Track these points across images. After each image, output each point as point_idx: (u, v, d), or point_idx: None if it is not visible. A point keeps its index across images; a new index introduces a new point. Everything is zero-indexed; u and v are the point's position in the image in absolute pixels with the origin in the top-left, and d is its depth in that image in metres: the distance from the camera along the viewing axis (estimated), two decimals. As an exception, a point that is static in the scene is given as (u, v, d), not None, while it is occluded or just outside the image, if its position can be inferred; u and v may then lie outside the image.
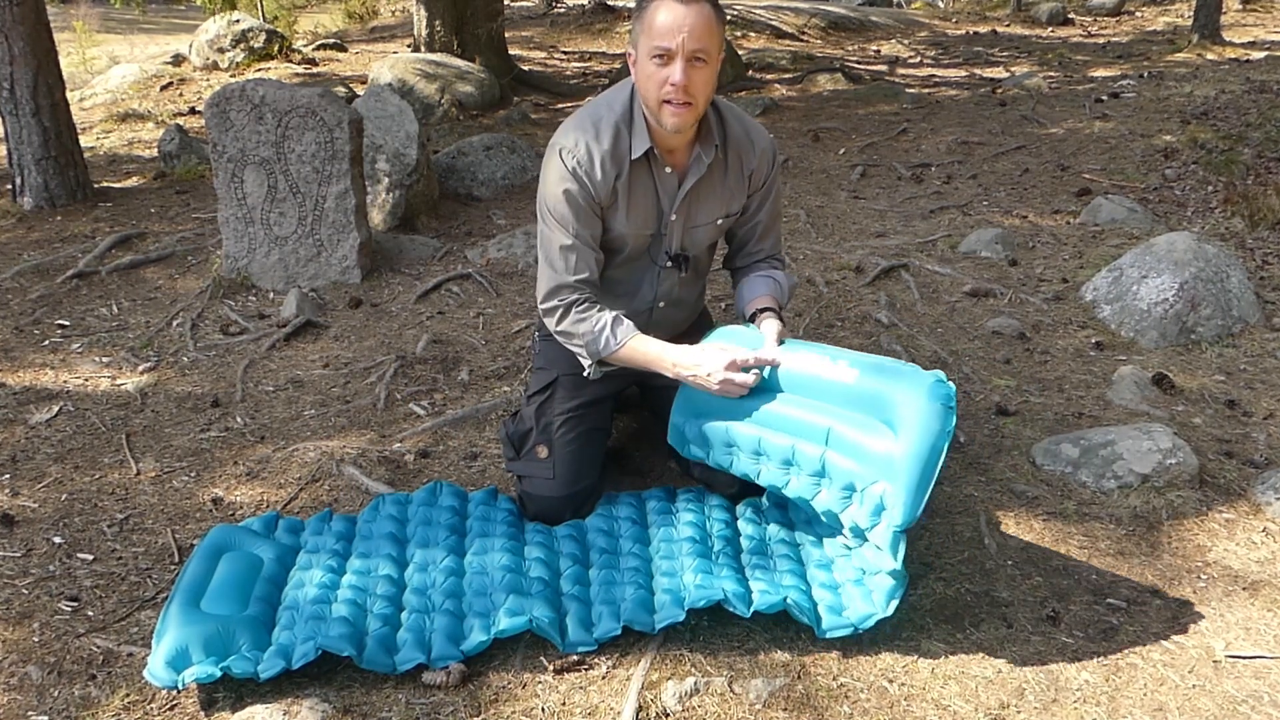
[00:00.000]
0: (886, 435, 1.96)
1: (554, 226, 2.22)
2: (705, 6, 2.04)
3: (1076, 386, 3.05)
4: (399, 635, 2.02)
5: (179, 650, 1.89)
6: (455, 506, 2.41)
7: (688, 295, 2.51)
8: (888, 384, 2.00)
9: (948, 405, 1.93)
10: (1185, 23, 10.03)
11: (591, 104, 2.25)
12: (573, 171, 2.16)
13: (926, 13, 12.52)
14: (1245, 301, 3.37)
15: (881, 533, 1.98)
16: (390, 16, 12.16)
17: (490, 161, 5.38)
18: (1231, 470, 2.58)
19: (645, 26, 2.07)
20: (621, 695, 1.88)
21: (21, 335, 3.61)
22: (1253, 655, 1.98)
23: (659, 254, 2.35)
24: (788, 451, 2.11)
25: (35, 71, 4.76)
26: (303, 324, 3.62)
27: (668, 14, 2.03)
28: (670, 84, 2.06)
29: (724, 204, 2.34)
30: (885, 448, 1.95)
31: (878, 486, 1.96)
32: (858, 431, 2.00)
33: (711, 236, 2.40)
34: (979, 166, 5.62)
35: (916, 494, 1.90)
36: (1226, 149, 5.37)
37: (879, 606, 2.01)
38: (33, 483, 2.67)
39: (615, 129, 2.18)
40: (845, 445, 2.02)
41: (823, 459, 2.05)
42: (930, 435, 1.90)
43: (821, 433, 2.06)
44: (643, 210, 2.27)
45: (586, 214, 2.21)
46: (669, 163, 2.23)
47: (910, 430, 1.92)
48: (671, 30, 2.03)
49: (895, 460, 1.92)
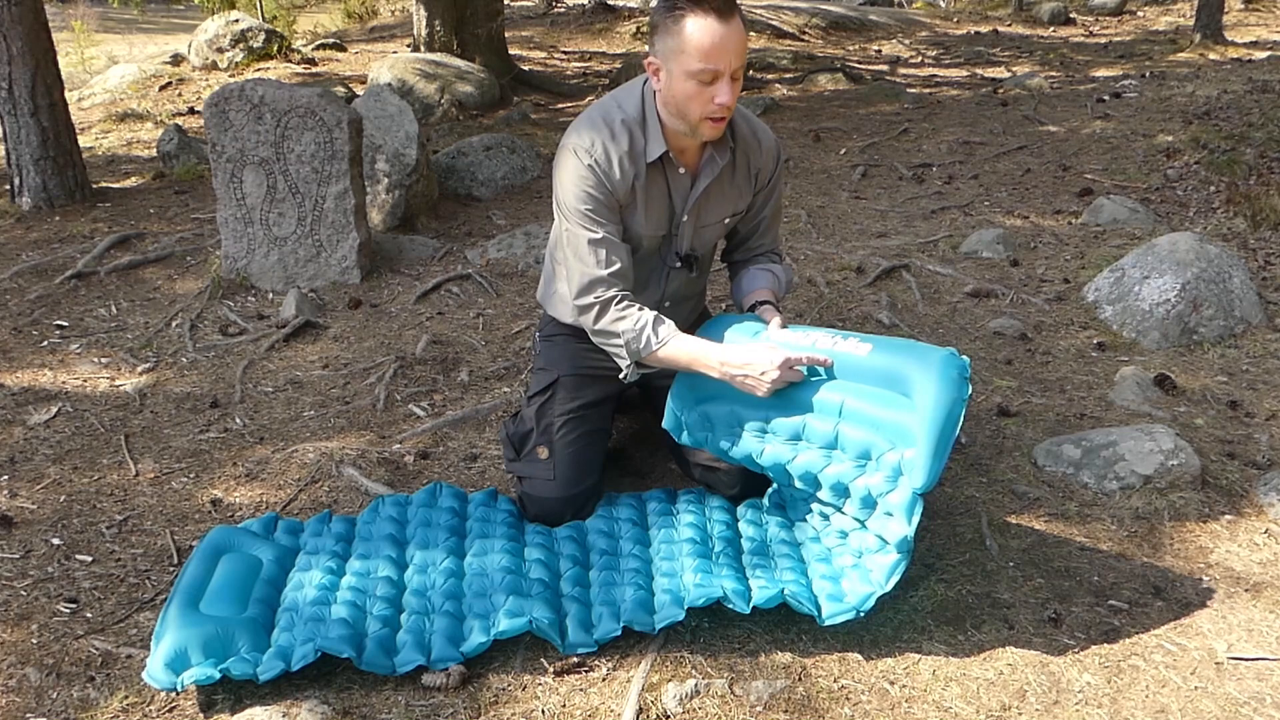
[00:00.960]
0: (903, 405, 1.97)
1: (578, 223, 2.18)
2: (738, 19, 2.03)
3: (1078, 387, 3.04)
4: (398, 637, 2.01)
5: (178, 652, 1.89)
6: (455, 508, 2.41)
7: (693, 293, 2.50)
8: (902, 357, 2.01)
9: (962, 375, 1.95)
10: (1187, 22, 10.02)
11: (599, 104, 2.23)
12: (590, 169, 2.14)
13: (927, 12, 12.51)
14: (1247, 302, 3.36)
15: (899, 496, 1.97)
16: (390, 16, 12.15)
17: (490, 162, 5.38)
18: (1234, 471, 2.57)
19: (681, 45, 2.02)
20: (622, 697, 1.88)
21: (20, 336, 3.61)
22: (1255, 657, 1.97)
23: (669, 254, 2.34)
24: (797, 427, 2.10)
25: (33, 71, 4.75)
26: (302, 325, 3.62)
27: (710, 34, 1.99)
28: (717, 103, 2.04)
29: (732, 203, 2.34)
30: (902, 417, 1.96)
31: (894, 453, 1.97)
32: (873, 404, 2.01)
33: (718, 235, 2.40)
34: (980, 166, 5.62)
35: (936, 457, 1.90)
36: (1229, 149, 5.37)
37: (878, 584, 2.00)
38: (31, 484, 2.66)
39: (629, 130, 2.16)
40: (860, 417, 2.02)
41: (835, 431, 2.05)
42: (947, 401, 1.91)
43: (834, 407, 2.05)
44: (657, 211, 2.26)
45: (608, 210, 2.19)
46: (682, 163, 2.23)
47: (927, 397, 1.92)
48: (718, 52, 2.00)
49: (913, 427, 1.93)
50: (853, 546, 2.16)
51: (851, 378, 2.06)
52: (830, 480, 2.08)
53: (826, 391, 2.07)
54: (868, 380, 2.03)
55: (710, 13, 1.99)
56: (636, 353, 2.19)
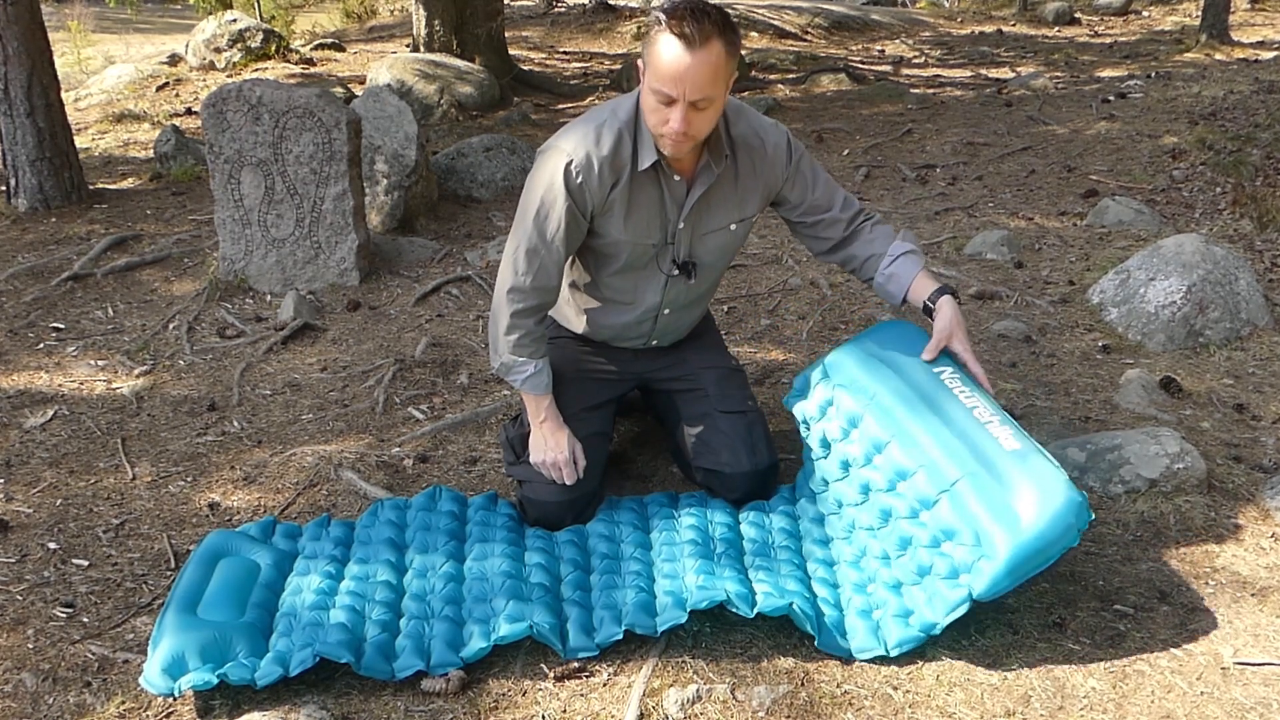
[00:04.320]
0: (1008, 517, 1.93)
1: (529, 226, 2.17)
2: (714, 49, 1.94)
3: (1083, 390, 3.03)
4: (397, 642, 2.00)
5: (175, 657, 1.88)
6: (454, 512, 2.39)
7: (695, 301, 2.47)
8: (1034, 476, 1.96)
9: (1078, 526, 1.91)
10: (1193, 22, 9.99)
11: (595, 110, 2.20)
12: (565, 174, 2.11)
13: (931, 12, 12.50)
14: (1254, 304, 3.34)
15: (949, 590, 1.96)
16: (389, 16, 12.14)
17: (490, 163, 5.36)
18: (1240, 475, 2.56)
19: (650, 58, 1.99)
20: (623, 702, 1.87)
21: (16, 338, 3.59)
22: (1261, 662, 1.95)
23: (665, 262, 2.31)
24: (905, 470, 2.09)
25: (30, 71, 4.74)
26: (300, 327, 3.60)
27: (673, 59, 1.94)
28: (669, 128, 2.00)
29: (737, 209, 2.29)
30: (998, 529, 1.92)
31: (970, 553, 1.95)
32: (981, 500, 1.96)
33: (724, 241, 2.34)
34: (984, 168, 5.60)
35: (1005, 580, 1.90)
36: (1235, 150, 5.34)
37: (884, 645, 1.99)
38: (27, 488, 2.65)
39: (618, 135, 2.12)
40: (963, 504, 1.98)
41: (935, 499, 2.03)
42: (1047, 541, 1.89)
43: (948, 480, 2.02)
44: (645, 218, 2.22)
45: (570, 221, 2.15)
46: (676, 170, 2.19)
47: (1031, 527, 1.90)
48: (675, 78, 1.94)
49: (1002, 544, 1.90)
50: (860, 581, 2.15)
51: (982, 460, 2.02)
52: (901, 532, 2.09)
53: (949, 460, 2.04)
54: (993, 472, 1.99)
55: (678, 36, 1.92)
56: (502, 369, 2.32)
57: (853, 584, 2.14)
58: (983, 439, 2.04)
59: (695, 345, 2.56)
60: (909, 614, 2.01)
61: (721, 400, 2.45)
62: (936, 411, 2.12)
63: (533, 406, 2.34)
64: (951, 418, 2.10)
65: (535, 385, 2.30)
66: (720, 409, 2.43)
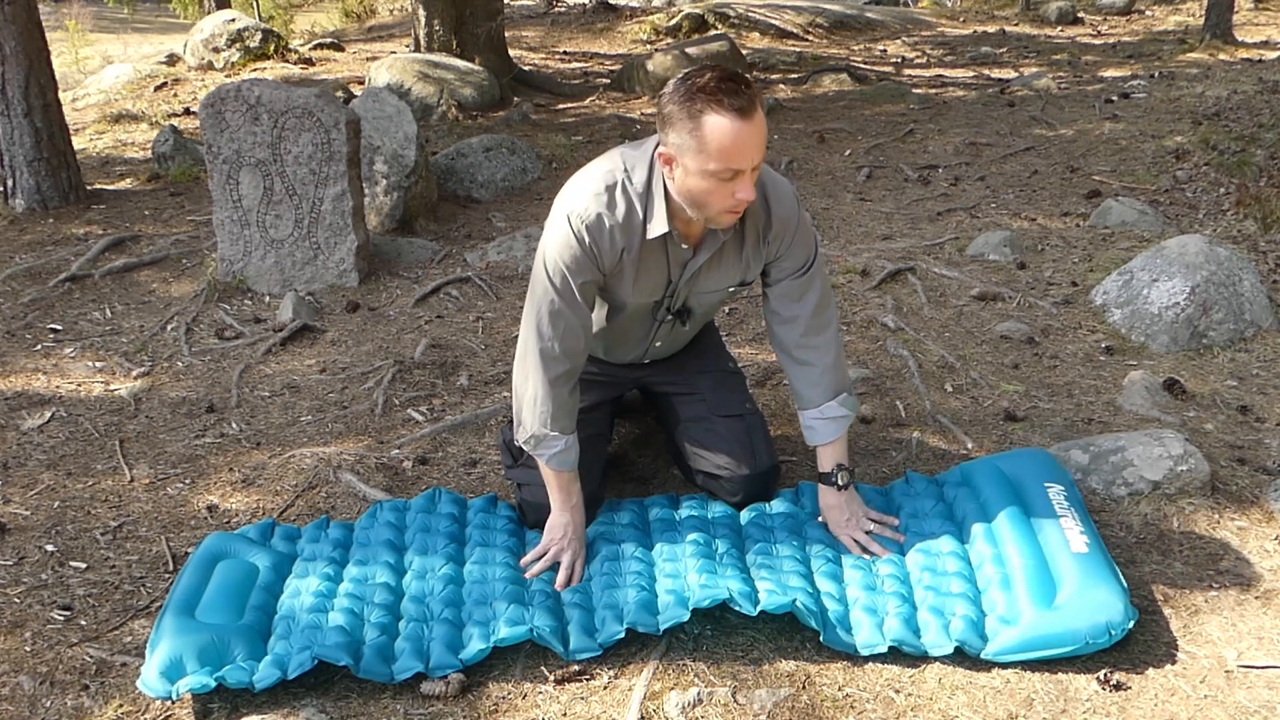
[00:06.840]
0: (1042, 600, 1.99)
1: (548, 289, 2.10)
2: (758, 113, 1.89)
3: (1086, 392, 3.01)
4: (397, 644, 1.99)
5: (173, 660, 1.87)
6: (454, 514, 2.38)
7: (688, 335, 2.46)
8: (1090, 584, 2.00)
9: (1108, 633, 1.92)
10: (1196, 22, 9.95)
11: (604, 168, 2.10)
12: (579, 236, 2.04)
13: (933, 12, 12.47)
14: (1258, 305, 3.33)
15: (958, 627, 1.99)
16: (388, 16, 12.13)
17: (490, 163, 5.35)
18: (1244, 477, 2.54)
19: (699, 144, 1.89)
20: (624, 705, 1.86)
21: (13, 339, 3.58)
22: (1265, 665, 1.94)
23: (660, 311, 2.30)
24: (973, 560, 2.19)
25: (27, 71, 4.73)
26: (299, 328, 3.59)
27: (731, 135, 1.86)
28: (738, 198, 1.94)
29: (737, 274, 2.24)
30: (1029, 609, 1.98)
31: (992, 617, 2.01)
32: (1026, 579, 2.05)
33: (723, 297, 2.33)
34: (987, 168, 5.58)
35: (1016, 652, 1.93)
36: (1239, 150, 5.33)
37: (886, 639, 1.98)
38: (24, 490, 2.64)
39: (629, 202, 2.05)
40: (1005, 574, 2.09)
41: (981, 560, 2.15)
42: (1077, 637, 1.92)
43: (998, 554, 2.14)
44: (651, 281, 2.19)
45: (587, 283, 2.11)
46: (683, 239, 2.13)
47: (1066, 618, 1.94)
48: (739, 152, 1.88)
49: (1029, 622, 1.95)
50: (866, 582, 2.16)
51: (1051, 552, 2.11)
52: (928, 562, 2.18)
53: (1013, 544, 2.14)
54: (1056, 563, 2.07)
55: (730, 110, 1.85)
56: (528, 444, 2.21)
57: (859, 583, 2.14)
58: (1053, 530, 2.16)
59: (692, 349, 2.54)
60: (917, 631, 2.01)
61: (719, 404, 2.43)
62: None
63: (554, 483, 2.23)
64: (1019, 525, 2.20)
65: (563, 462, 2.20)
66: (718, 413, 2.42)
